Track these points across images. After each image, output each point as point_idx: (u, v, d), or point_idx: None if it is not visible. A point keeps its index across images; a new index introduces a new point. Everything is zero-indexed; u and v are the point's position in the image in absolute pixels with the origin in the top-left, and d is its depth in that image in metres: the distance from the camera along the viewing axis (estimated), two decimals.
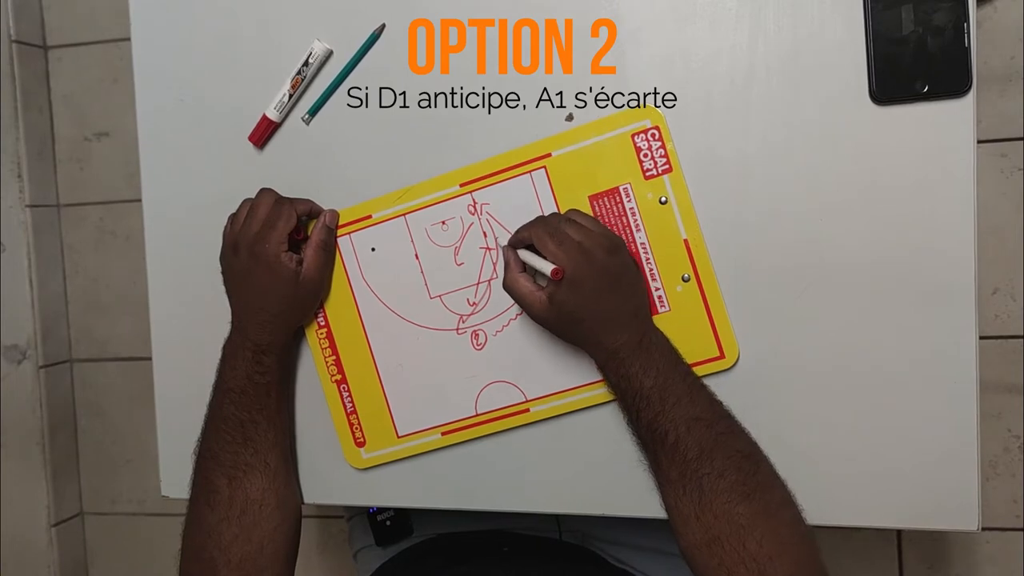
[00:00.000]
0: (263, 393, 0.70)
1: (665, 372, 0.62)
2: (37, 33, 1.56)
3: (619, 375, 0.63)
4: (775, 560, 0.57)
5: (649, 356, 0.63)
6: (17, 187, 1.52)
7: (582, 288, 0.62)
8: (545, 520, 0.84)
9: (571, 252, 0.62)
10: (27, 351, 1.54)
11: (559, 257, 0.62)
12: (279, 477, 0.71)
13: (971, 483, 0.64)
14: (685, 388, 0.63)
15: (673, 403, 0.61)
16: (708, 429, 0.61)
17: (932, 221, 0.63)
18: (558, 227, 0.63)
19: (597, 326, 0.63)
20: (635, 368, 0.62)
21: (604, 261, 0.62)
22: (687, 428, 0.60)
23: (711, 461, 0.60)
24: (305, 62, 0.72)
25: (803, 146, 0.65)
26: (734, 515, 0.58)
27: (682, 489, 0.60)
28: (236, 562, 0.67)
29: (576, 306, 0.63)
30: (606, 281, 0.63)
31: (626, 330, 0.63)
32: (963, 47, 0.61)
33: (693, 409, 0.62)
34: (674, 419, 0.61)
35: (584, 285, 0.62)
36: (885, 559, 1.35)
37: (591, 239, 0.63)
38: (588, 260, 0.62)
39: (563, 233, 0.63)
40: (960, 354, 0.63)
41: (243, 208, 0.71)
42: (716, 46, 0.66)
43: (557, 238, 0.62)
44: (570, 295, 0.62)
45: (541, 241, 0.63)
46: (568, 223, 0.64)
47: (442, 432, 0.73)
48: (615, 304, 0.63)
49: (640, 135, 0.67)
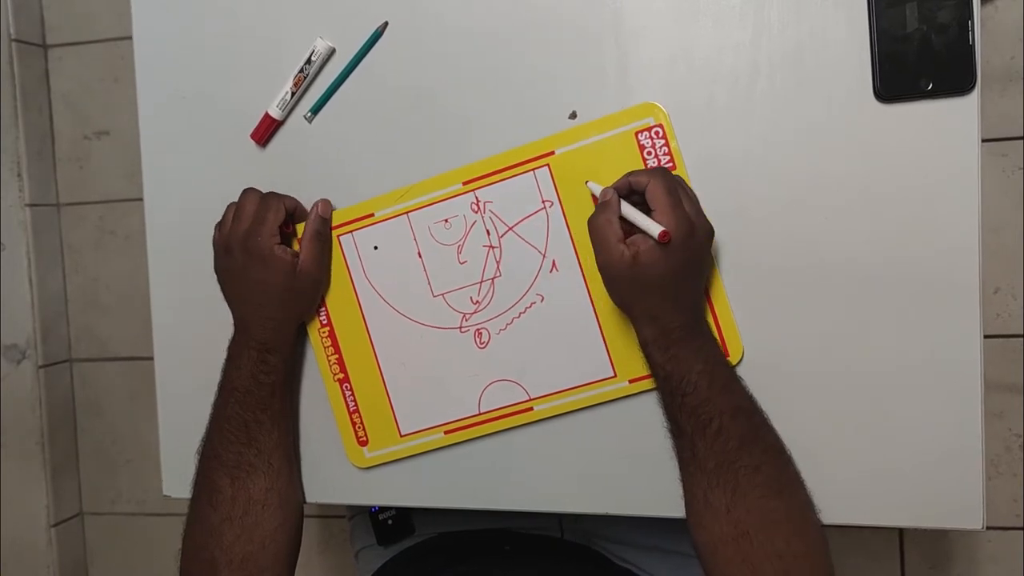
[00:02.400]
0: (267, 393, 0.70)
1: (713, 359, 0.62)
2: (37, 32, 1.56)
3: (668, 356, 0.61)
4: (800, 560, 0.57)
5: (702, 340, 0.62)
6: (17, 186, 1.51)
7: (672, 259, 0.60)
8: (547, 519, 0.84)
9: (681, 221, 0.59)
10: (27, 350, 1.53)
11: (670, 219, 0.59)
12: (282, 477, 0.71)
13: (975, 482, 0.64)
14: (730, 376, 0.62)
15: (719, 390, 0.60)
16: (749, 420, 0.60)
17: (936, 219, 0.63)
18: (676, 189, 0.61)
19: (667, 300, 0.61)
20: (687, 351, 0.61)
21: (702, 242, 0.62)
22: (731, 417, 0.59)
23: (749, 454, 0.59)
24: (308, 60, 0.72)
25: (807, 144, 0.65)
26: (767, 510, 0.58)
27: (716, 480, 0.59)
28: (237, 562, 0.67)
29: (659, 274, 0.60)
30: (694, 261, 0.62)
31: (688, 311, 0.62)
32: (967, 45, 0.61)
33: (737, 398, 0.61)
34: (719, 407, 0.60)
35: (675, 257, 0.60)
36: (887, 558, 1.35)
37: (700, 217, 0.62)
38: (692, 235, 0.60)
39: (678, 199, 0.61)
40: (964, 353, 0.63)
41: (228, 212, 0.71)
42: (720, 44, 0.65)
43: (674, 198, 0.60)
44: (658, 261, 0.59)
45: (657, 195, 0.60)
46: (683, 190, 0.62)
47: (445, 431, 0.73)
48: (690, 286, 0.62)
49: (643, 133, 0.67)
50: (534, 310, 0.70)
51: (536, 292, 0.70)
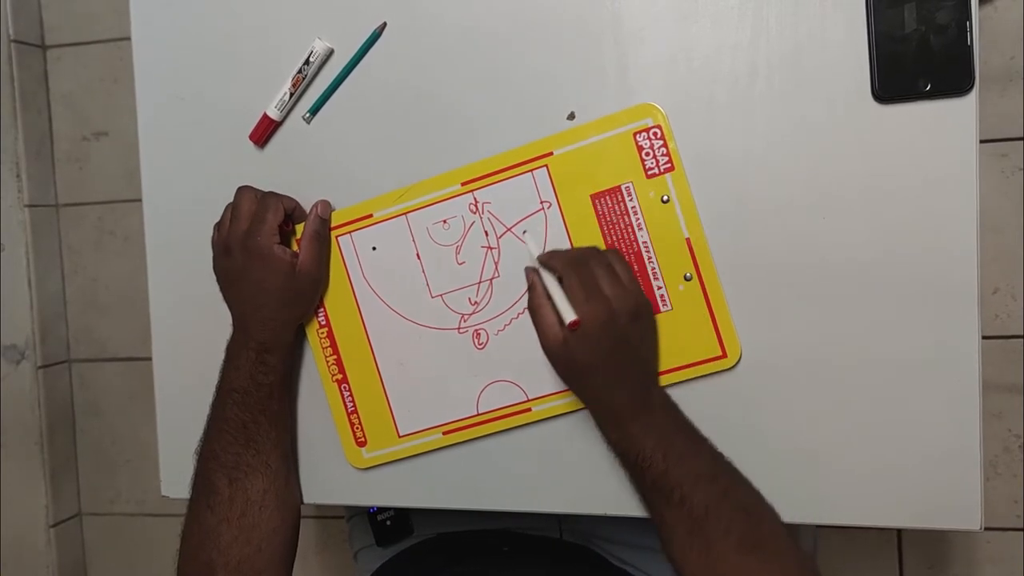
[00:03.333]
0: (265, 394, 0.70)
1: (667, 431, 0.62)
2: (36, 33, 1.56)
3: (620, 435, 0.63)
4: None
5: (650, 416, 0.62)
6: (16, 187, 1.52)
7: (597, 346, 0.61)
8: (546, 520, 0.84)
9: (597, 308, 0.60)
10: (26, 351, 1.53)
11: (584, 308, 0.60)
12: (279, 478, 0.71)
13: (973, 482, 0.64)
14: (687, 445, 0.62)
15: (676, 461, 0.61)
16: (712, 484, 0.61)
17: (935, 219, 0.63)
18: (592, 274, 0.62)
19: (601, 384, 0.62)
20: (636, 428, 0.62)
21: (626, 327, 0.61)
22: (692, 485, 0.60)
23: (717, 518, 0.59)
24: (306, 61, 0.72)
25: (805, 145, 0.65)
26: (745, 565, 0.58)
27: (691, 542, 0.60)
28: (234, 564, 0.67)
29: (586, 360, 0.61)
30: (622, 345, 0.62)
31: (630, 392, 0.62)
32: (966, 45, 0.61)
33: (696, 466, 0.61)
34: (679, 477, 0.60)
35: (600, 344, 0.61)
36: (886, 559, 1.35)
37: (621, 300, 0.61)
38: (611, 321, 0.61)
39: (595, 285, 0.61)
40: (962, 353, 0.63)
41: (227, 213, 0.71)
42: (718, 45, 0.65)
43: (588, 289, 0.61)
44: (583, 348, 0.61)
45: (570, 285, 0.61)
46: (604, 271, 0.62)
47: (443, 432, 0.73)
48: (625, 368, 0.62)
49: (642, 133, 0.67)
50: None
51: None
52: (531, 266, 0.65)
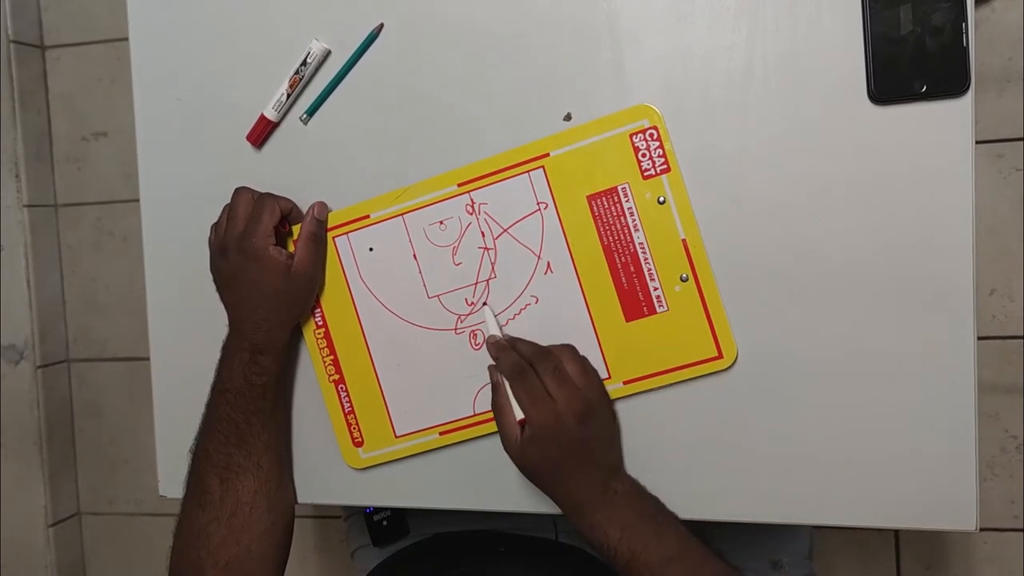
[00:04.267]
0: (259, 395, 0.70)
1: (631, 520, 0.63)
2: (35, 33, 1.56)
3: (585, 525, 0.64)
4: None
5: (613, 508, 0.64)
6: (15, 187, 1.52)
7: (548, 448, 0.63)
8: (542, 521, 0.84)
9: (543, 412, 0.62)
10: (25, 351, 1.53)
11: (530, 413, 0.63)
12: (271, 480, 0.71)
13: (969, 483, 0.64)
14: (653, 531, 0.63)
15: (642, 548, 0.62)
16: (680, 565, 0.62)
17: (930, 221, 0.63)
18: (537, 381, 0.63)
19: (559, 483, 0.64)
20: (599, 519, 0.63)
21: (574, 429, 0.63)
22: (661, 567, 0.62)
23: None
24: (303, 62, 0.72)
25: (801, 146, 0.65)
26: None
27: None
28: (223, 564, 0.67)
29: (539, 462, 0.64)
30: (574, 445, 0.63)
31: (588, 488, 0.64)
32: (962, 47, 0.61)
33: (663, 549, 0.62)
34: (647, 562, 0.62)
35: (550, 446, 0.63)
36: (883, 560, 1.35)
37: (568, 402, 0.62)
38: (558, 424, 0.62)
39: (539, 391, 0.63)
40: (958, 354, 0.63)
41: (224, 214, 0.71)
42: (714, 46, 0.65)
43: (532, 395, 0.63)
44: (535, 450, 0.63)
45: (516, 391, 0.64)
46: (552, 375, 0.63)
47: (440, 432, 0.73)
48: (579, 466, 0.64)
49: (638, 135, 0.67)
50: (529, 312, 0.70)
51: (531, 294, 0.70)
52: (492, 364, 0.67)
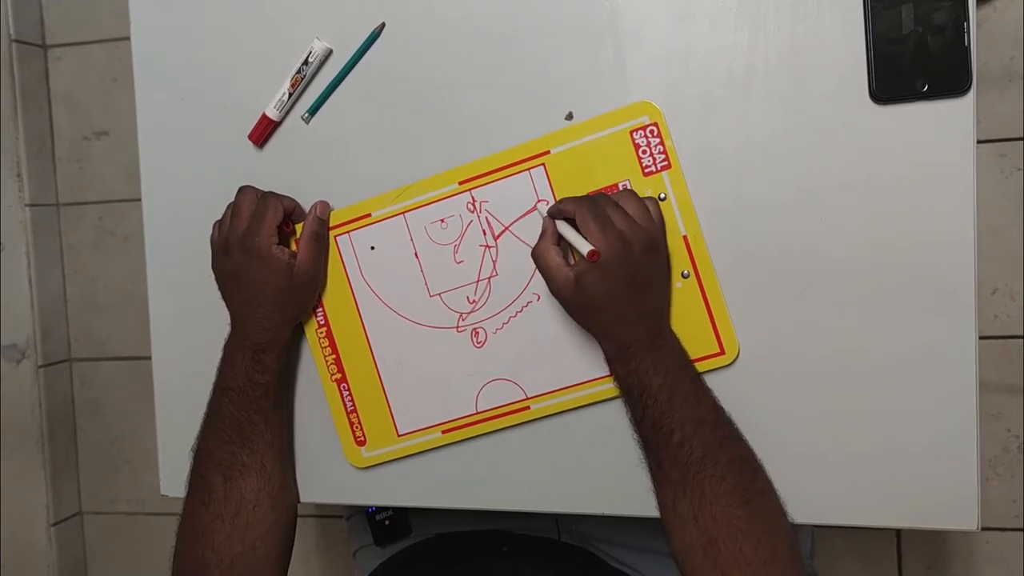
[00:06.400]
0: (261, 393, 0.70)
1: (674, 372, 0.62)
2: (36, 32, 1.56)
3: (628, 370, 0.63)
4: (768, 566, 0.57)
5: (660, 354, 0.62)
6: (16, 186, 1.52)
7: (612, 277, 0.61)
8: (544, 520, 0.84)
9: (612, 239, 0.60)
10: (26, 350, 1.54)
11: (599, 240, 0.60)
12: (274, 478, 0.71)
13: (971, 482, 0.64)
14: (692, 389, 0.62)
15: (680, 403, 0.61)
16: (713, 432, 0.61)
17: (932, 220, 0.63)
18: (604, 210, 0.62)
19: (616, 318, 0.62)
20: (645, 364, 0.62)
21: (641, 258, 0.62)
22: (693, 429, 0.60)
23: (714, 464, 0.60)
24: (305, 61, 0.72)
25: (802, 145, 0.65)
26: (733, 519, 0.58)
27: (682, 490, 0.60)
28: (227, 562, 0.67)
29: (601, 293, 0.61)
30: (637, 277, 0.62)
31: (642, 326, 0.62)
32: (963, 46, 0.61)
33: (699, 411, 0.61)
34: (680, 419, 0.61)
35: (614, 275, 0.61)
36: (884, 559, 1.35)
37: (634, 232, 0.61)
38: (626, 252, 0.61)
39: (607, 218, 0.61)
40: (960, 353, 0.63)
41: (227, 213, 0.71)
42: (716, 44, 0.66)
43: (601, 221, 0.61)
44: (598, 281, 0.61)
45: (584, 220, 0.61)
46: (615, 209, 0.62)
47: (442, 430, 0.73)
48: (638, 301, 0.62)
49: (639, 132, 0.67)
50: (530, 309, 0.70)
51: (532, 291, 0.70)
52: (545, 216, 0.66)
